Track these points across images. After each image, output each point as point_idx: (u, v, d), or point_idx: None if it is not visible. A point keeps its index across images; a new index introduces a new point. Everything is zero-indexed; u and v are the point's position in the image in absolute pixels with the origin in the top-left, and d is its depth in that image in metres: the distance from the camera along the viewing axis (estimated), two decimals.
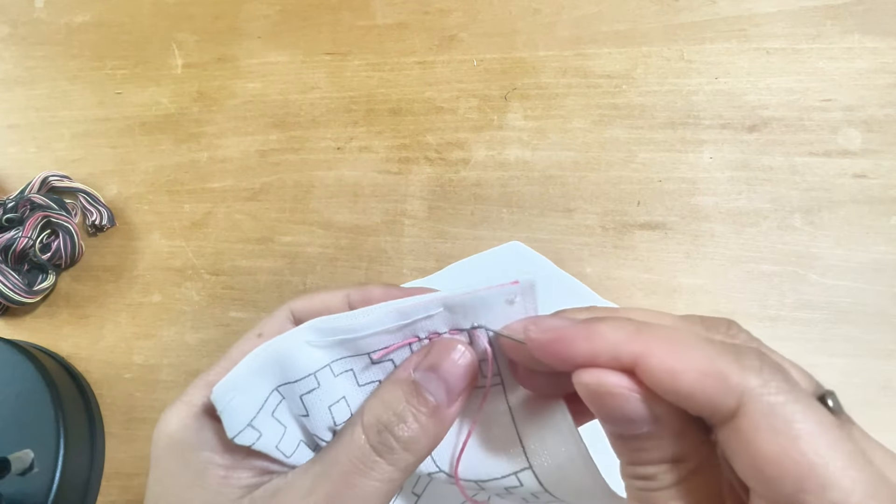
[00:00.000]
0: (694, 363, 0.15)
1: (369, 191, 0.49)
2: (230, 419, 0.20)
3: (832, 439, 0.14)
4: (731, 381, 0.14)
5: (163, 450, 0.21)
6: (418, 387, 0.19)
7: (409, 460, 0.19)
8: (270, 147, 0.51)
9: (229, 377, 0.20)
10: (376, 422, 0.19)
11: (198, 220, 0.50)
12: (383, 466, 0.19)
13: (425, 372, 0.20)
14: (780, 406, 0.14)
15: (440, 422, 0.20)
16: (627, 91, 0.48)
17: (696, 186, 0.45)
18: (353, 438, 0.19)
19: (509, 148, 0.48)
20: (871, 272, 0.42)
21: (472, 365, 0.20)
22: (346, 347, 0.21)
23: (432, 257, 0.46)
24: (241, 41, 0.55)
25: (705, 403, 0.15)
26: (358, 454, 0.19)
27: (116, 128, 0.54)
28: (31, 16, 0.59)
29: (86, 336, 0.48)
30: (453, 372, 0.19)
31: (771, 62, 0.48)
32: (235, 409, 0.20)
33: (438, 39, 0.52)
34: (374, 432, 0.19)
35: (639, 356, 0.15)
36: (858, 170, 0.44)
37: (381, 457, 0.19)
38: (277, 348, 0.20)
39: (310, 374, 0.20)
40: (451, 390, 0.19)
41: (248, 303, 0.47)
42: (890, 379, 0.40)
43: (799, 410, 0.14)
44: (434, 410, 0.19)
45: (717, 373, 0.14)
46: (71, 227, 0.49)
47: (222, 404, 0.20)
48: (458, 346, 0.20)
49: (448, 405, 0.20)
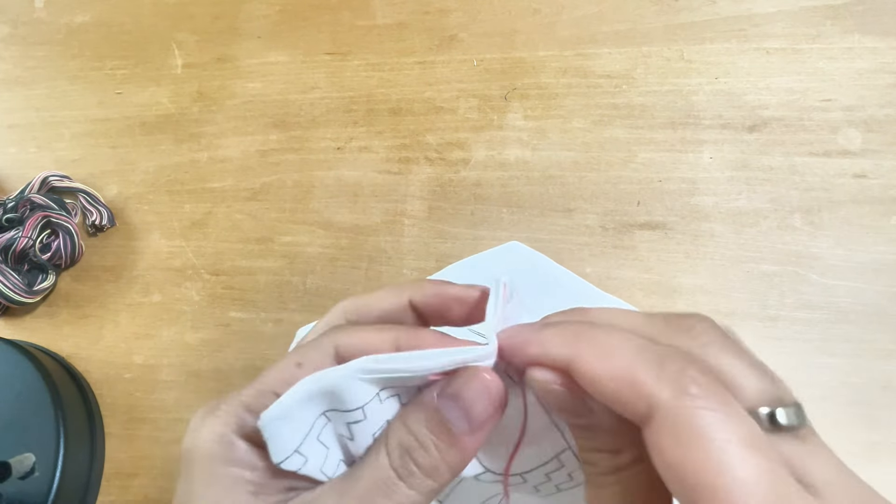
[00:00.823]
0: (614, 370, 0.16)
1: (369, 191, 0.49)
2: (277, 446, 0.20)
3: (742, 453, 0.14)
4: (643, 390, 0.15)
5: (195, 461, 0.21)
6: (440, 414, 0.19)
7: (430, 485, 0.19)
8: (270, 147, 0.51)
9: (277, 407, 0.20)
10: (398, 445, 0.20)
11: (198, 220, 0.50)
12: (404, 490, 0.19)
13: (447, 400, 0.19)
14: (689, 416, 0.15)
15: (461, 451, 0.19)
16: (627, 91, 0.48)
17: (696, 186, 0.45)
18: (378, 459, 0.20)
19: (509, 148, 0.48)
20: (871, 272, 0.42)
21: (498, 395, 0.20)
22: (397, 382, 0.21)
23: (432, 257, 0.46)
24: (241, 41, 0.55)
25: (623, 408, 0.16)
26: (382, 475, 0.19)
27: (116, 128, 0.54)
28: (31, 16, 0.59)
29: (86, 336, 0.48)
30: (476, 402, 0.19)
31: (771, 62, 0.48)
32: (283, 436, 0.20)
33: (438, 39, 0.52)
34: (396, 455, 0.19)
35: (570, 361, 0.17)
36: (858, 170, 0.44)
37: (402, 480, 0.19)
38: (327, 384, 0.20)
39: (358, 407, 0.20)
40: (473, 421, 0.19)
41: (248, 303, 0.47)
42: (890, 379, 0.40)
43: (713, 421, 0.14)
44: (454, 441, 0.19)
45: (631, 380, 0.16)
46: (71, 227, 0.49)
47: (269, 432, 0.20)
48: (484, 376, 0.19)
49: (469, 434, 0.19)
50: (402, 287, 0.22)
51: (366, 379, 0.20)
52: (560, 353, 0.17)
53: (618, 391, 0.16)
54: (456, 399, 0.19)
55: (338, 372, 0.20)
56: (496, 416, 0.20)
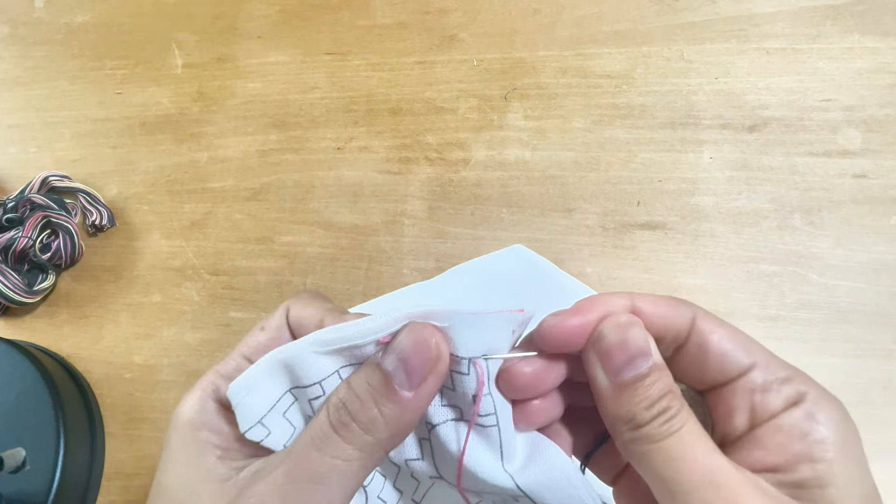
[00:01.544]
0: (664, 307, 0.22)
1: (369, 191, 0.49)
2: (242, 415, 0.21)
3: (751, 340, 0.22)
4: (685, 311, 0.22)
5: (173, 429, 0.22)
6: (380, 369, 0.20)
7: (367, 440, 0.20)
8: (270, 147, 0.51)
9: (243, 376, 0.21)
10: (337, 401, 0.20)
11: (198, 220, 0.50)
12: (340, 444, 0.19)
13: (389, 356, 0.20)
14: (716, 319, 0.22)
15: (398, 405, 0.20)
16: (627, 91, 0.48)
17: (696, 186, 0.45)
18: (318, 417, 0.20)
19: (509, 148, 0.48)
20: (871, 272, 0.42)
21: (437, 347, 0.20)
22: (353, 355, 0.21)
23: (432, 257, 0.46)
24: (241, 41, 0.55)
25: (673, 326, 0.22)
26: (318, 432, 0.20)
27: (116, 128, 0.54)
28: (31, 16, 0.59)
29: (86, 336, 0.48)
30: (415, 353, 0.20)
31: (771, 62, 0.48)
32: (248, 406, 0.21)
33: (438, 39, 0.52)
34: (333, 410, 0.20)
35: (633, 306, 0.22)
36: (858, 170, 0.44)
37: (337, 433, 0.20)
38: (286, 356, 0.21)
39: (316, 382, 0.21)
40: (413, 375, 0.20)
41: (248, 303, 0.47)
42: (890, 379, 0.40)
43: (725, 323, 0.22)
44: (392, 393, 0.20)
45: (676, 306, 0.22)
46: (71, 227, 0.49)
47: (236, 400, 0.21)
48: (425, 333, 0.20)
49: (409, 389, 0.20)
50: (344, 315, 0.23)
51: (322, 351, 0.20)
52: (622, 302, 0.22)
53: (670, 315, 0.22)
54: (395, 351, 0.20)
55: (297, 344, 0.21)
56: (435, 369, 0.20)
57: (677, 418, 0.20)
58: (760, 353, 0.21)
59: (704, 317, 0.22)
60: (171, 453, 0.22)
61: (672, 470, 0.19)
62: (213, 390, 0.22)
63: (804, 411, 0.20)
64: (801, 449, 0.20)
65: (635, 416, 0.20)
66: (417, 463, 0.23)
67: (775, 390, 0.21)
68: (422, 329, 0.20)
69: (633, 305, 0.22)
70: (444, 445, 0.22)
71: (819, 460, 0.19)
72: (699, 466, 0.19)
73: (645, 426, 0.20)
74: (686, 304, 0.22)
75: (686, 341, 0.22)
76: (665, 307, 0.22)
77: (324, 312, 0.23)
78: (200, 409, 0.22)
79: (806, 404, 0.20)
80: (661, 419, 0.20)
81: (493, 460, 0.22)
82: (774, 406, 0.20)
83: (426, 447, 0.23)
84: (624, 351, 0.20)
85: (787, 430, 0.20)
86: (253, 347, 0.23)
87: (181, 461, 0.21)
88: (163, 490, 0.21)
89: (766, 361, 0.21)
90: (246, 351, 0.23)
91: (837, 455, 0.19)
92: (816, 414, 0.20)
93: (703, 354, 0.21)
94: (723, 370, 0.21)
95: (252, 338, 0.23)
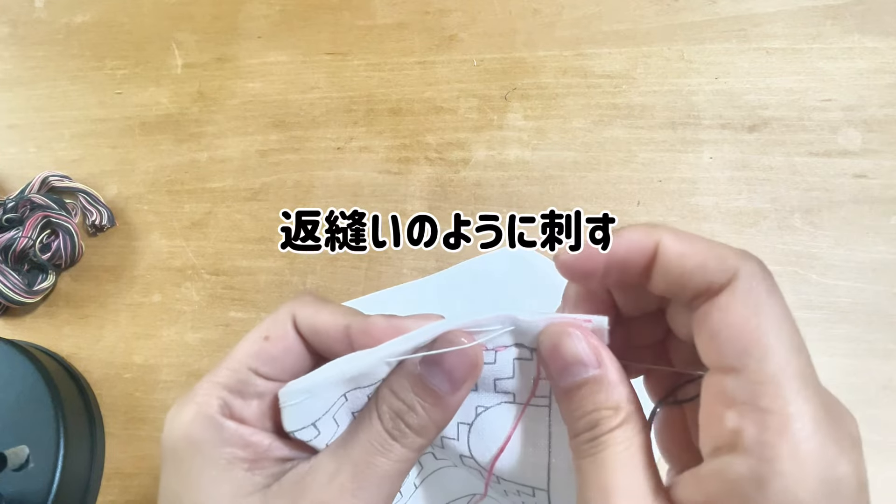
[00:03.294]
0: (699, 248, 0.19)
1: (369, 191, 0.49)
2: (295, 416, 0.21)
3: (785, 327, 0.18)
4: (728, 262, 0.18)
5: (181, 450, 0.21)
6: (423, 378, 0.21)
7: (420, 442, 0.21)
8: (270, 147, 0.51)
9: (306, 382, 0.21)
10: (388, 409, 0.21)
11: (198, 220, 0.50)
12: (398, 449, 0.21)
13: (429, 365, 0.21)
14: (758, 290, 0.18)
15: (444, 409, 0.21)
16: (627, 91, 0.48)
17: (696, 186, 0.45)
18: (371, 424, 0.21)
19: (509, 148, 0.48)
20: (871, 272, 0.42)
21: (474, 356, 0.21)
22: None
23: (432, 257, 0.46)
24: (241, 41, 0.55)
25: (702, 276, 0.19)
26: (377, 438, 0.21)
27: (116, 128, 0.54)
28: (31, 16, 0.59)
29: (86, 336, 0.48)
30: (455, 363, 0.21)
31: (771, 62, 0.48)
32: (304, 409, 0.21)
33: (438, 39, 0.52)
34: (388, 419, 0.21)
35: (658, 243, 0.19)
36: (858, 170, 0.44)
37: (396, 441, 0.21)
38: (361, 367, 0.21)
39: (374, 384, 0.22)
40: (455, 381, 0.21)
41: (248, 303, 0.47)
42: (890, 379, 0.40)
43: (771, 301, 0.18)
44: (438, 401, 0.21)
45: (717, 255, 0.19)
46: (71, 227, 0.49)
47: (292, 401, 0.21)
48: (461, 340, 0.21)
49: (451, 393, 0.21)
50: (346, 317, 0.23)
51: (393, 362, 0.22)
52: (650, 238, 0.20)
53: (704, 262, 0.19)
54: (437, 362, 0.21)
55: (370, 354, 0.21)
56: (474, 374, 0.22)
57: (604, 438, 0.19)
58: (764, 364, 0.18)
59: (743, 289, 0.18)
60: (186, 476, 0.21)
61: (587, 490, 0.19)
62: (220, 407, 0.21)
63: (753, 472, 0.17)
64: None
65: (570, 424, 0.20)
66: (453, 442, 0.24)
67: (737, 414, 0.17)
68: (457, 338, 0.21)
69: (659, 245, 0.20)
70: (493, 426, 0.23)
71: None
72: (599, 498, 0.18)
73: (576, 437, 0.20)
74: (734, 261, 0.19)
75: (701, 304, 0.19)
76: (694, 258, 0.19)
77: (344, 317, 0.22)
78: (212, 427, 0.21)
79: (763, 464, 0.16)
80: (588, 435, 0.20)
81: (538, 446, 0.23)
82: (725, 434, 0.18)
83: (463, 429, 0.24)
84: (556, 359, 0.21)
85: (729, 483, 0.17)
86: (260, 358, 0.22)
87: (204, 481, 0.20)
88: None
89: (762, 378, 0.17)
90: (251, 362, 0.22)
91: None
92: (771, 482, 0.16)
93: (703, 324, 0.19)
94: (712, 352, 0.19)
95: (255, 346, 0.22)
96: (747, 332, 0.18)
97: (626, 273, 0.21)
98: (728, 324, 0.18)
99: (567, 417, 0.21)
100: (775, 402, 0.17)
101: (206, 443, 0.21)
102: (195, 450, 0.21)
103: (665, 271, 0.20)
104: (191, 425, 0.21)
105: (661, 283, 0.20)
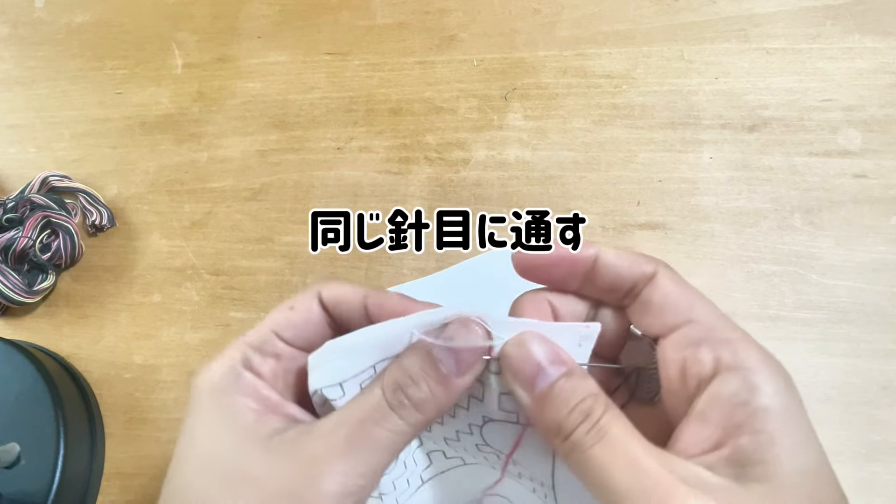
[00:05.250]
0: (627, 253, 0.23)
1: (369, 191, 0.49)
2: (324, 373, 0.22)
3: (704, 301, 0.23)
4: (650, 260, 0.23)
5: (204, 395, 0.23)
6: (432, 356, 0.22)
7: (418, 418, 0.22)
8: (270, 147, 0.51)
9: (344, 341, 0.22)
10: (392, 381, 0.22)
11: (198, 220, 0.50)
12: (395, 420, 0.22)
13: (441, 345, 0.22)
14: (677, 275, 0.23)
15: (448, 390, 0.22)
16: (627, 91, 0.48)
17: (696, 186, 0.45)
18: (374, 393, 0.22)
19: (509, 148, 0.48)
20: (871, 272, 0.42)
21: (484, 347, 0.22)
22: None
23: (432, 257, 0.46)
24: (241, 41, 0.55)
25: (629, 277, 0.23)
26: (376, 406, 0.22)
27: (116, 128, 0.54)
28: (31, 16, 0.59)
29: (86, 336, 0.48)
30: (465, 347, 0.22)
31: (771, 62, 0.48)
32: (335, 367, 0.22)
33: (438, 39, 0.52)
34: (390, 390, 0.22)
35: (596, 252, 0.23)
36: (858, 170, 0.44)
37: (394, 411, 0.22)
38: (387, 331, 0.22)
39: None
40: (461, 363, 0.22)
41: (248, 303, 0.47)
42: (890, 379, 0.40)
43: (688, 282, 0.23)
44: (443, 379, 0.22)
45: (641, 256, 0.24)
46: (71, 227, 0.49)
47: (325, 357, 0.22)
48: (475, 327, 0.22)
49: (457, 376, 0.22)
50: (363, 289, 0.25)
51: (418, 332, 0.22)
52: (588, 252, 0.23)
53: (634, 260, 0.23)
54: (448, 342, 0.22)
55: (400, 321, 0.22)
56: (480, 360, 0.22)
57: (602, 421, 0.20)
58: (706, 314, 0.22)
59: (666, 273, 0.23)
60: (202, 417, 0.22)
61: (604, 478, 0.19)
62: (242, 359, 0.23)
63: (742, 378, 0.20)
64: (741, 418, 0.19)
65: (561, 425, 0.20)
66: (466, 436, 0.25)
67: (708, 348, 0.21)
68: (471, 324, 0.22)
69: (598, 254, 0.23)
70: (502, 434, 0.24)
71: (760, 431, 0.19)
72: (629, 471, 0.19)
73: (572, 434, 0.20)
74: (653, 260, 0.23)
75: (641, 291, 0.23)
76: (626, 260, 0.23)
77: (364, 290, 0.24)
78: (232, 376, 0.23)
79: (746, 371, 0.20)
80: (586, 425, 0.20)
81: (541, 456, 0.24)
82: (705, 365, 0.21)
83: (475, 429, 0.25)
84: (529, 363, 0.21)
85: (726, 399, 0.20)
86: (283, 324, 0.24)
87: (215, 422, 0.22)
88: (193, 450, 0.22)
89: (710, 322, 0.22)
90: (275, 327, 0.24)
91: (780, 425, 0.19)
92: (757, 382, 0.20)
93: (648, 304, 0.23)
94: (662, 320, 0.22)
95: (281, 314, 0.24)
96: (686, 296, 0.22)
97: (570, 277, 0.24)
98: (669, 293, 0.22)
99: (551, 420, 0.21)
100: (733, 333, 0.21)
101: (224, 388, 0.23)
102: (214, 393, 0.23)
103: (605, 272, 0.23)
104: (215, 373, 0.23)
105: (600, 283, 0.24)
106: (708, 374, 0.21)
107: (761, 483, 0.18)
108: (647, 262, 0.23)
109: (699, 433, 0.20)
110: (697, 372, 0.21)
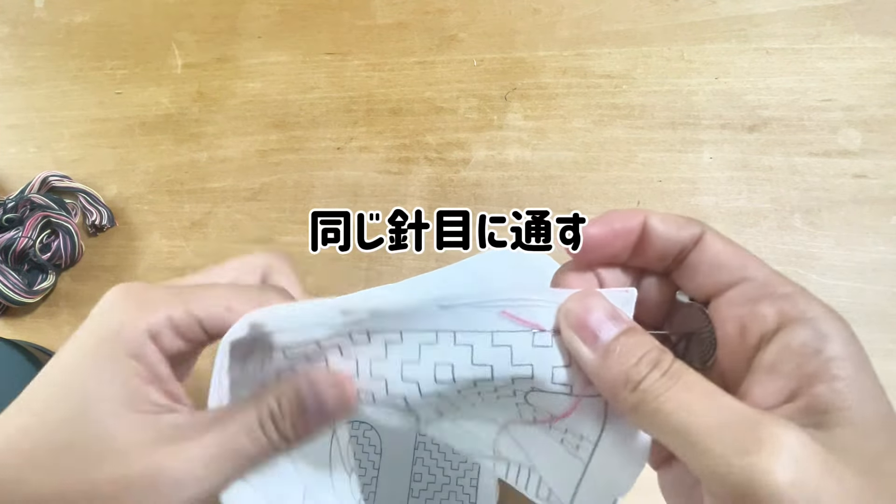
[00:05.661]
0: (672, 216, 0.23)
1: (369, 191, 0.49)
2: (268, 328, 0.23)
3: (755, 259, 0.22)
4: (693, 222, 0.23)
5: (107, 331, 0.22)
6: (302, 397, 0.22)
7: (284, 444, 0.23)
8: (270, 147, 0.51)
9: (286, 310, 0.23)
10: (267, 407, 0.22)
11: (198, 220, 0.50)
12: (262, 438, 0.22)
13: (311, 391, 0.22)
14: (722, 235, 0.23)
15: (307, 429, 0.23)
16: (627, 91, 0.48)
17: (696, 186, 0.45)
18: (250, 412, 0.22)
19: (509, 148, 0.48)
20: (871, 272, 0.42)
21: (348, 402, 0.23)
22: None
23: (432, 257, 0.46)
24: (241, 41, 0.55)
25: (678, 240, 0.23)
26: (250, 425, 0.22)
27: (116, 128, 0.54)
28: (31, 16, 0.59)
29: None
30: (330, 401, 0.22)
31: (771, 62, 0.48)
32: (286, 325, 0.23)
33: (438, 39, 0.52)
34: (266, 417, 0.22)
35: (646, 222, 0.23)
36: (858, 170, 0.44)
37: (264, 433, 0.22)
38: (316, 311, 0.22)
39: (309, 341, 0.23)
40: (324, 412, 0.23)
41: None
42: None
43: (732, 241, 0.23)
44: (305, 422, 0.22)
45: (685, 219, 0.23)
46: (71, 227, 0.49)
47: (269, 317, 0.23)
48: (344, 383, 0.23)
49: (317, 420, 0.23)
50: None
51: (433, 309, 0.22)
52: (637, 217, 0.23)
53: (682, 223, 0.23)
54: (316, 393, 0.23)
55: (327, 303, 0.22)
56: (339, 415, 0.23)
57: (673, 368, 0.20)
58: (760, 270, 0.22)
59: (713, 233, 0.23)
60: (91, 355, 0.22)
61: (685, 418, 0.18)
62: (164, 321, 0.23)
63: (812, 329, 0.20)
64: (816, 368, 0.19)
65: (630, 376, 0.20)
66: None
67: (769, 303, 0.21)
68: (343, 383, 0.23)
69: (646, 221, 0.23)
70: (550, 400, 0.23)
71: (836, 378, 0.19)
72: (712, 409, 0.18)
73: (643, 382, 0.19)
74: (696, 223, 0.23)
75: (688, 254, 0.23)
76: (673, 225, 0.23)
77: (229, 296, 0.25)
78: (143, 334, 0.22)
79: (813, 321, 0.20)
80: (657, 372, 0.19)
81: None
82: (767, 319, 0.21)
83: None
84: (594, 315, 0.21)
85: (797, 350, 0.20)
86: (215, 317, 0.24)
87: (103, 368, 0.21)
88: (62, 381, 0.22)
89: (765, 278, 0.21)
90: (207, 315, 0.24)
91: (854, 372, 0.19)
92: (826, 331, 0.20)
93: (698, 265, 0.22)
94: (715, 280, 0.22)
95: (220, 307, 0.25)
96: (737, 253, 0.22)
97: (624, 250, 0.23)
98: (719, 252, 0.22)
99: (617, 371, 0.20)
100: (792, 287, 0.21)
101: (128, 342, 0.22)
102: (118, 343, 0.22)
103: (656, 238, 0.23)
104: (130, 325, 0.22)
105: (650, 251, 0.23)
106: (771, 328, 0.20)
107: (844, 428, 0.18)
108: (693, 224, 0.23)
109: (770, 386, 0.20)
110: (759, 327, 0.21)
